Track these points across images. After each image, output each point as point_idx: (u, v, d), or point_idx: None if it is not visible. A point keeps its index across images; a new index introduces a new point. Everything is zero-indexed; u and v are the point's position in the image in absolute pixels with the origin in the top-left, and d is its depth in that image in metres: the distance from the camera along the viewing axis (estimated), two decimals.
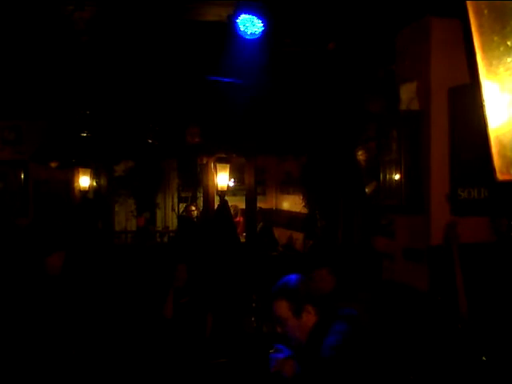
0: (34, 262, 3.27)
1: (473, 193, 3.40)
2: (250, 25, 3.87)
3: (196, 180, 9.54)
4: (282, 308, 2.29)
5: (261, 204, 9.62)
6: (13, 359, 3.01)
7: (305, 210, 7.60)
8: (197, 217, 8.85)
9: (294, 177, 8.90)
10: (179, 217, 9.63)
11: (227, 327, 4.92)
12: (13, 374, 2.98)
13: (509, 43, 1.02)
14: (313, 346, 2.20)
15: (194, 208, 9.01)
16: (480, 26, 1.06)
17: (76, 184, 8.40)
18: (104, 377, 3.70)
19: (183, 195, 10.58)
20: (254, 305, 4.64)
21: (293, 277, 2.41)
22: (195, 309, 4.65)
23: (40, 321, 3.13)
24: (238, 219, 9.17)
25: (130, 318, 5.05)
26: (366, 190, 4.61)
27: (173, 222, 10.29)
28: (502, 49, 1.03)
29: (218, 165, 7.23)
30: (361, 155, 4.72)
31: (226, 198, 7.28)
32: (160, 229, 9.97)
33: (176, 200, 10.64)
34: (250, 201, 7.57)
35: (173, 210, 10.53)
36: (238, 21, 3.85)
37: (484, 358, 2.85)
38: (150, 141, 6.96)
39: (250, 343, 4.27)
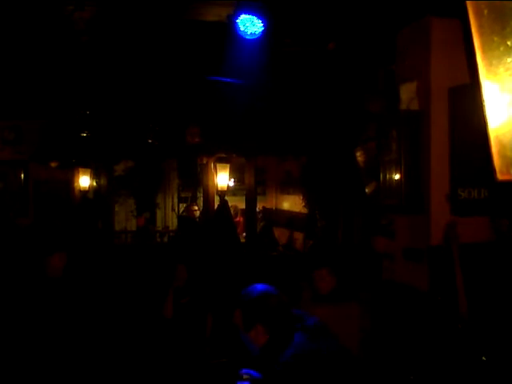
0: (34, 263, 3.24)
1: (473, 193, 3.40)
2: (250, 25, 3.87)
3: (196, 180, 9.54)
4: (237, 317, 2.29)
5: (261, 204, 9.62)
6: (13, 360, 2.99)
7: (305, 210, 7.61)
8: (199, 217, 8.82)
9: (293, 177, 8.90)
10: (181, 217, 9.58)
11: (227, 327, 4.92)
12: (12, 376, 2.96)
13: (509, 43, 1.02)
14: (266, 358, 2.19)
15: (196, 208, 8.95)
16: (480, 27, 1.06)
17: (76, 184, 8.41)
18: (105, 377, 3.69)
19: (183, 195, 10.58)
20: None
21: (258, 287, 2.32)
22: (195, 309, 4.65)
23: (40, 322, 3.11)
24: (237, 219, 9.16)
25: (130, 317, 5.05)
26: (366, 190, 4.61)
27: (173, 222, 10.29)
28: (501, 49, 1.03)
29: (218, 165, 7.22)
30: (361, 155, 4.72)
31: (226, 198, 7.27)
32: (160, 229, 9.97)
33: (176, 200, 10.64)
34: (250, 201, 7.57)
35: (173, 210, 10.53)
36: (238, 21, 3.85)
37: (484, 358, 2.85)
38: (150, 141, 6.96)
39: None
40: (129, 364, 4.27)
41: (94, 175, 8.42)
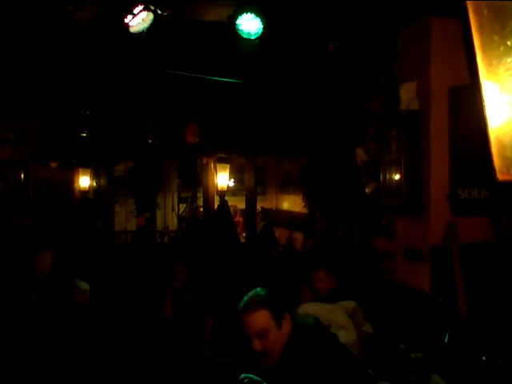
0: (19, 261, 3.08)
1: (473, 193, 3.40)
2: (250, 25, 3.86)
3: (196, 180, 9.53)
4: (264, 318, 2.14)
5: (261, 204, 9.61)
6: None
7: (305, 210, 7.60)
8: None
9: (293, 177, 8.89)
10: (191, 221, 9.46)
11: (227, 327, 4.92)
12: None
13: (509, 43, 1.02)
14: (290, 357, 2.11)
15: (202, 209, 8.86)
16: (480, 26, 1.06)
17: (76, 184, 8.40)
18: (104, 377, 3.68)
19: (183, 195, 10.58)
20: None
21: (260, 289, 2.28)
22: (195, 309, 4.65)
23: (21, 324, 2.97)
24: (236, 219, 9.15)
25: (130, 317, 5.04)
26: (366, 190, 4.61)
27: (173, 222, 10.29)
28: (501, 49, 1.03)
29: (218, 165, 7.22)
30: (361, 155, 4.72)
31: (226, 198, 7.27)
32: (160, 229, 9.97)
33: (176, 200, 10.64)
34: (250, 201, 7.56)
35: (173, 210, 10.53)
36: (238, 21, 3.84)
37: (484, 358, 2.85)
38: (150, 141, 6.96)
39: None
40: (128, 364, 4.27)
41: (94, 175, 8.41)
